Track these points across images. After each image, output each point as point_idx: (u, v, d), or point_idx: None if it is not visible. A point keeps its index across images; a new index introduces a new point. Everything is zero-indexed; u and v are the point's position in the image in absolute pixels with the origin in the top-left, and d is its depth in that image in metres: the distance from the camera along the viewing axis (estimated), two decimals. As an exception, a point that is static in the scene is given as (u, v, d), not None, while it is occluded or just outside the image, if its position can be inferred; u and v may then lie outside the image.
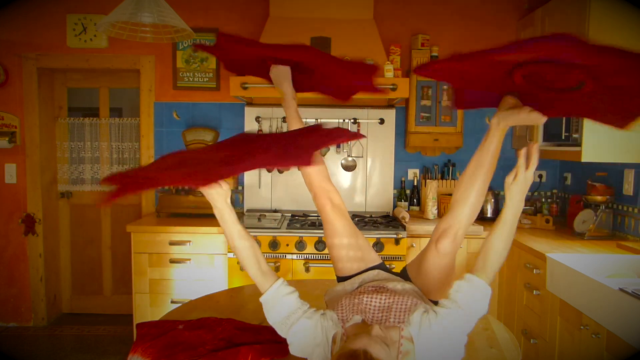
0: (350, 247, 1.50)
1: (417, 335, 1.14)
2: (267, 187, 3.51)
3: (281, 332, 1.25)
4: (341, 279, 1.52)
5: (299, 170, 1.63)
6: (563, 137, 2.68)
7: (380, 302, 1.23)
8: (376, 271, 1.49)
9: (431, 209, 3.18)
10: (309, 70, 1.68)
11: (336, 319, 1.24)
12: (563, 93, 1.25)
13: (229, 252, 2.85)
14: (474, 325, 1.17)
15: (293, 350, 1.24)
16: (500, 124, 1.36)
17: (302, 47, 1.55)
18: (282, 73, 1.65)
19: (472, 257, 2.95)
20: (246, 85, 2.92)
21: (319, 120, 3.42)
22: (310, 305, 1.27)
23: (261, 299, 1.27)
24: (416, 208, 3.47)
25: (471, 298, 1.16)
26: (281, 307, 1.24)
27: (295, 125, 1.63)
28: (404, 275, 1.52)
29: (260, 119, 3.43)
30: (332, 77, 1.73)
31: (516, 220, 1.23)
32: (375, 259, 1.54)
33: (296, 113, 1.64)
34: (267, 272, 1.28)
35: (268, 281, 1.27)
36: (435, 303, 1.38)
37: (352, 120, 3.39)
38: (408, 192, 3.51)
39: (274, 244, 2.83)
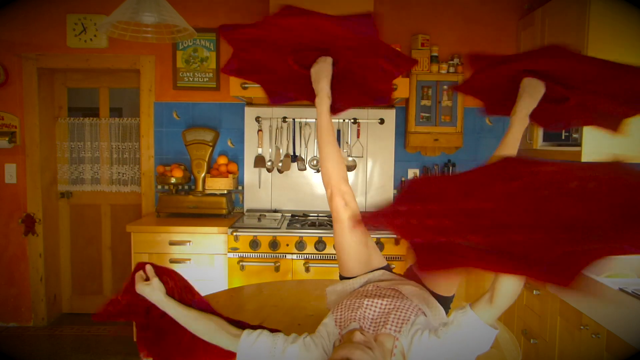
0: (359, 247, 1.49)
1: (407, 350, 1.12)
2: (267, 187, 3.50)
3: None
4: (345, 278, 1.52)
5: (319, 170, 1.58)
6: (563, 137, 2.69)
7: (380, 307, 1.22)
8: (381, 271, 1.49)
9: (431, 209, 3.17)
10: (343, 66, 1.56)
11: (333, 325, 1.23)
12: (554, 105, 1.46)
13: (229, 252, 2.85)
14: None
15: None
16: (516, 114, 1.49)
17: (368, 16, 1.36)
18: (326, 67, 1.52)
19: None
20: (246, 85, 2.92)
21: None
22: (283, 333, 1.24)
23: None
24: (416, 208, 3.46)
25: (463, 335, 1.07)
26: (258, 352, 1.20)
27: (325, 122, 1.52)
28: (409, 274, 1.52)
29: (260, 119, 3.43)
30: (369, 68, 1.59)
31: None
32: (381, 261, 1.54)
33: (329, 111, 1.56)
34: (236, 334, 1.24)
35: (237, 340, 1.22)
36: (440, 298, 1.38)
37: (352, 120, 3.39)
38: (408, 192, 3.51)
39: (274, 244, 2.83)
